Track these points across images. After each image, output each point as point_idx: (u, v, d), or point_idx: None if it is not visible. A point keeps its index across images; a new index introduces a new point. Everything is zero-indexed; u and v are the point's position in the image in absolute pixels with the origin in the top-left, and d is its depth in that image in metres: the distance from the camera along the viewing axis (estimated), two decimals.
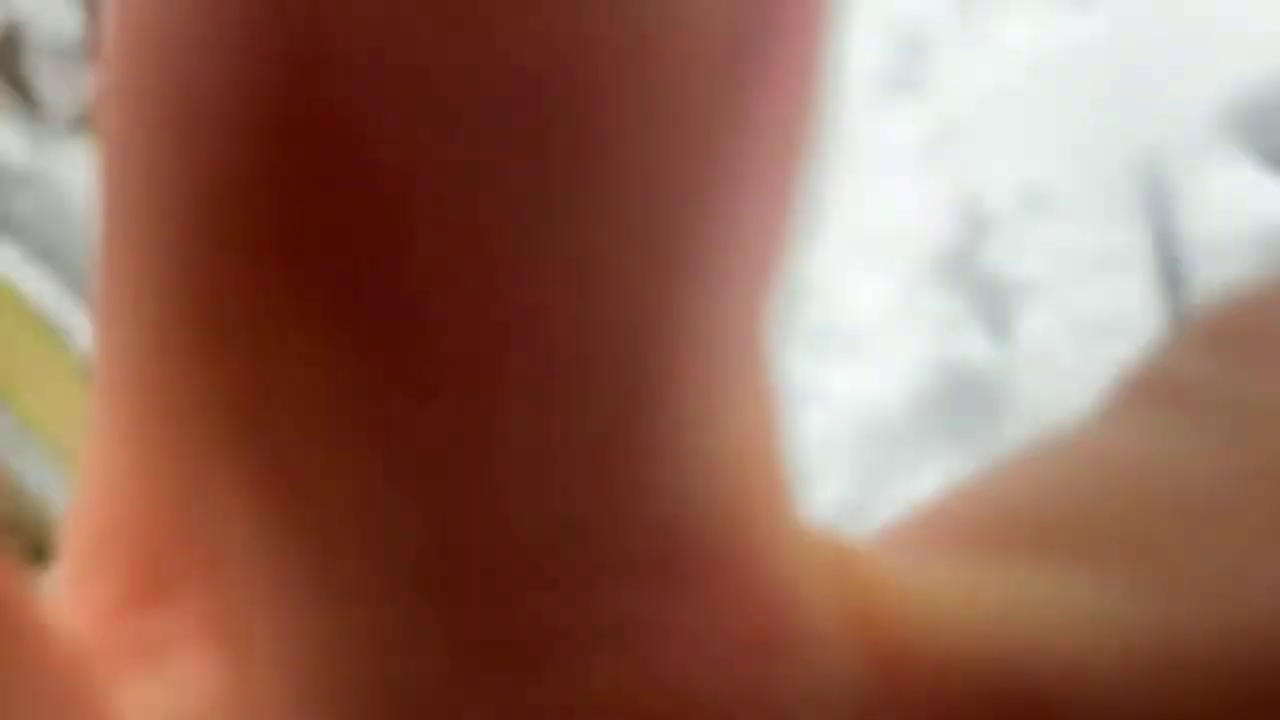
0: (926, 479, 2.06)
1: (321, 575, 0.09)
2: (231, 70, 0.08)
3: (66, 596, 0.10)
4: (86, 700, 0.10)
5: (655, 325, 0.08)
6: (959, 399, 2.06)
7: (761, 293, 0.09)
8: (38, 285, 1.07)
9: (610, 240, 0.08)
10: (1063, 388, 1.97)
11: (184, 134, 0.08)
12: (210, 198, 0.08)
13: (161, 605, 0.10)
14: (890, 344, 2.22)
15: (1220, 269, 1.53)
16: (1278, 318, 0.12)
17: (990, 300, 2.11)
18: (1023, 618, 0.11)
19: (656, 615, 0.09)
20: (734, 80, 0.08)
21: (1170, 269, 1.80)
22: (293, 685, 0.09)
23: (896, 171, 2.43)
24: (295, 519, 0.09)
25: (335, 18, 0.08)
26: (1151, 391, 0.13)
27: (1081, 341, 2.00)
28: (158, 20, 0.08)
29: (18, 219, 1.15)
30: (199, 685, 0.10)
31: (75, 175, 1.13)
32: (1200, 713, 0.10)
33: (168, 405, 0.09)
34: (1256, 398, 0.12)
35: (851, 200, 2.42)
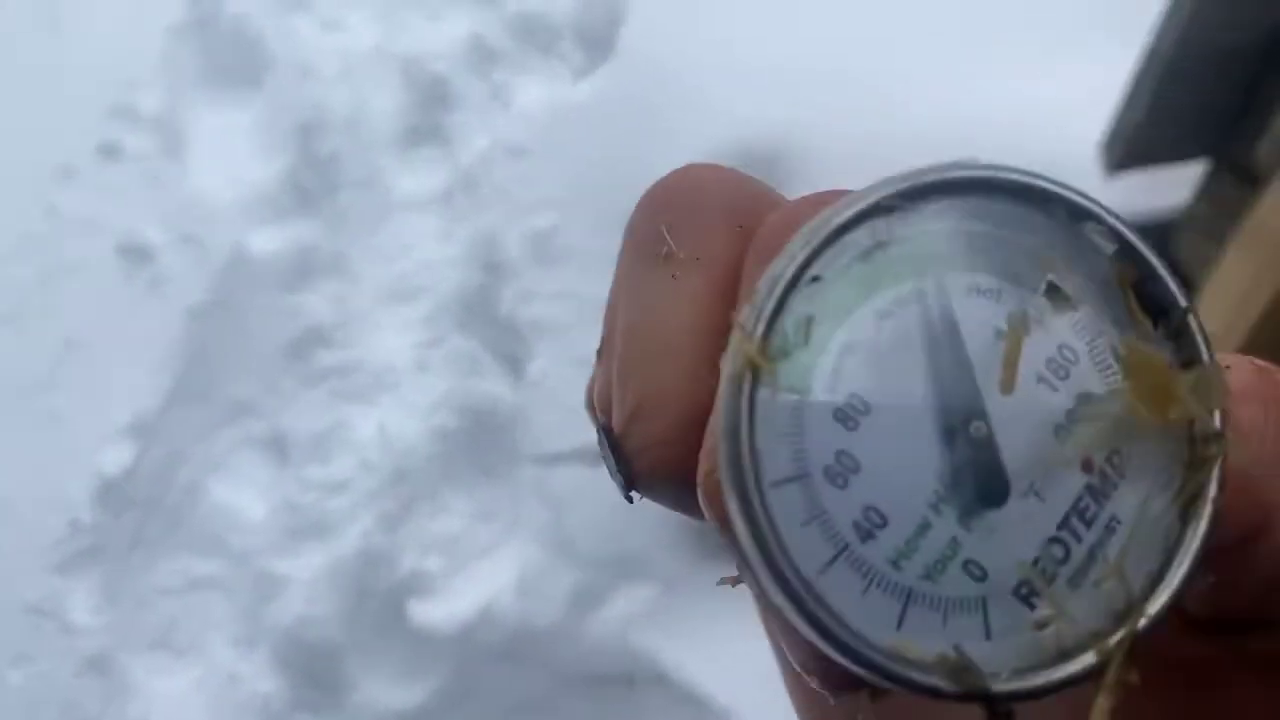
0: (454, 518, 2.10)
1: None
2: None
3: None
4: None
5: None
6: (480, 435, 2.13)
7: None
8: None
9: None
10: (568, 422, 2.10)
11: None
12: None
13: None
14: (414, 384, 2.24)
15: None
16: None
17: (506, 341, 2.20)
18: None
19: None
20: None
21: None
22: None
23: (418, 218, 2.47)
24: None
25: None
26: None
27: (585, 378, 2.15)
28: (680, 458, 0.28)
29: None
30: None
31: None
32: None
33: None
34: None
35: (376, 246, 2.41)
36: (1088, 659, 0.25)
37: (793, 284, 0.26)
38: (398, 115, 2.56)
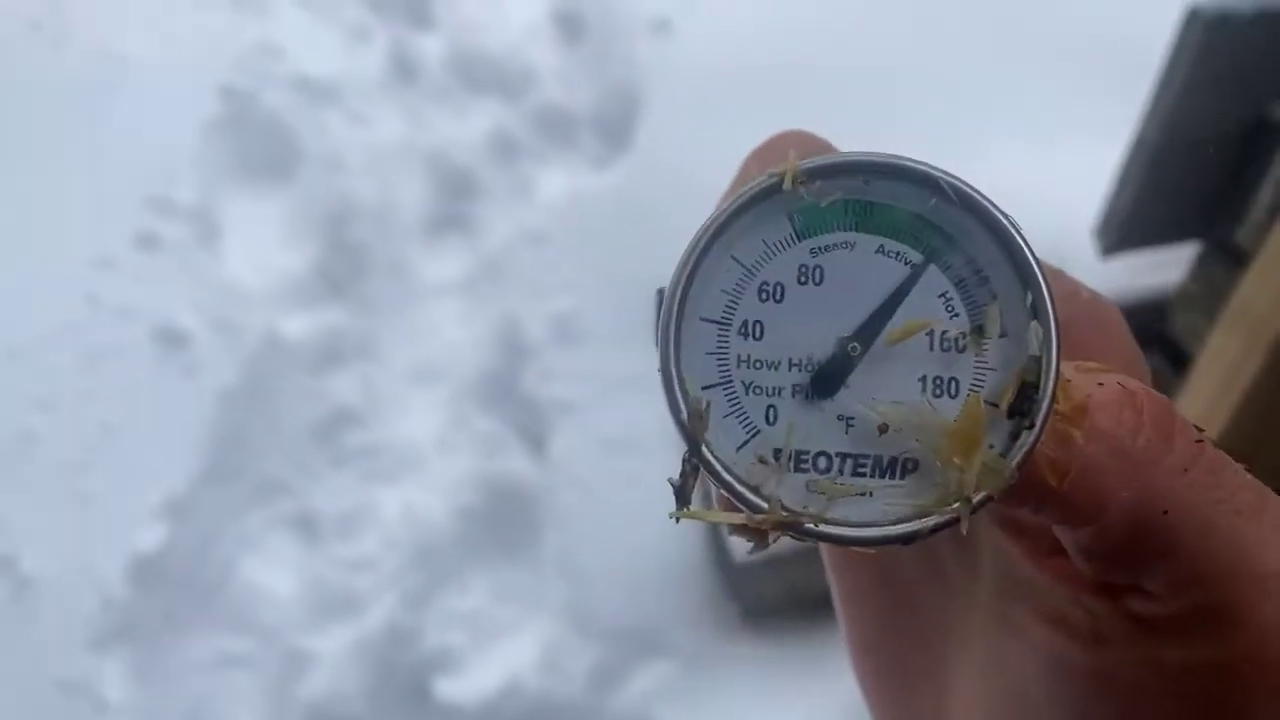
0: (476, 594, 2.14)
1: None
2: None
3: None
4: None
5: None
6: (503, 513, 2.18)
7: None
8: None
9: None
10: (590, 499, 2.15)
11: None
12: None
13: None
14: (439, 464, 2.30)
15: None
16: None
17: (529, 421, 2.27)
18: None
19: None
20: None
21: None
22: None
23: (443, 303, 2.56)
24: None
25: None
26: None
27: (606, 456, 2.21)
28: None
29: None
30: None
31: None
32: None
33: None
34: None
35: (403, 329, 2.50)
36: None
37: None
38: (423, 205, 2.66)
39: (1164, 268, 1.63)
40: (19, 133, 2.88)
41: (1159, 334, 1.55)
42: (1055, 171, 1.81)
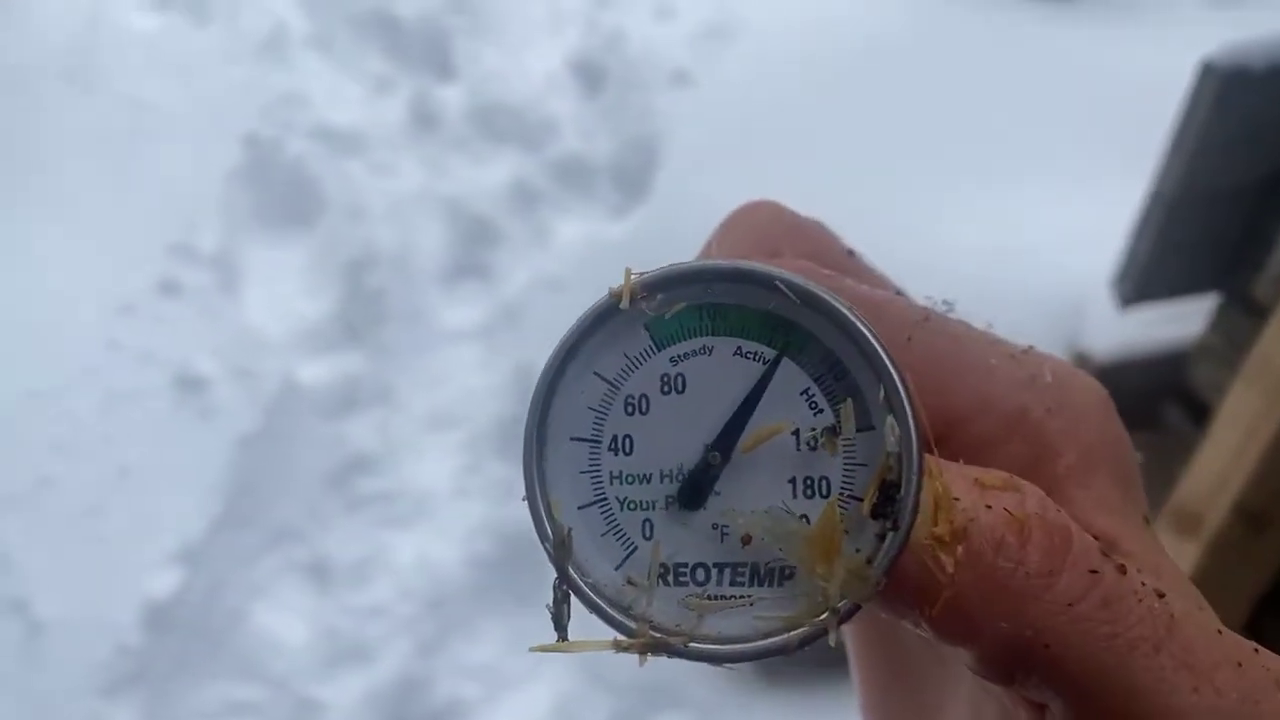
0: (489, 644, 2.13)
1: None
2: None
3: None
4: None
5: None
6: (517, 561, 2.17)
7: None
8: None
9: None
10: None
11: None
12: None
13: None
14: (453, 510, 2.30)
15: None
16: None
17: None
18: None
19: None
20: None
21: None
22: None
23: (461, 349, 2.57)
24: None
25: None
26: None
27: None
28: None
29: None
30: None
31: None
32: None
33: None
34: None
35: (419, 376, 2.51)
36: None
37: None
38: (442, 252, 2.68)
39: (1183, 319, 1.62)
40: (47, 178, 2.92)
41: (1178, 386, 1.54)
42: (1071, 223, 1.80)
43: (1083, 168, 2.03)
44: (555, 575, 0.36)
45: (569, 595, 0.36)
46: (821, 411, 0.35)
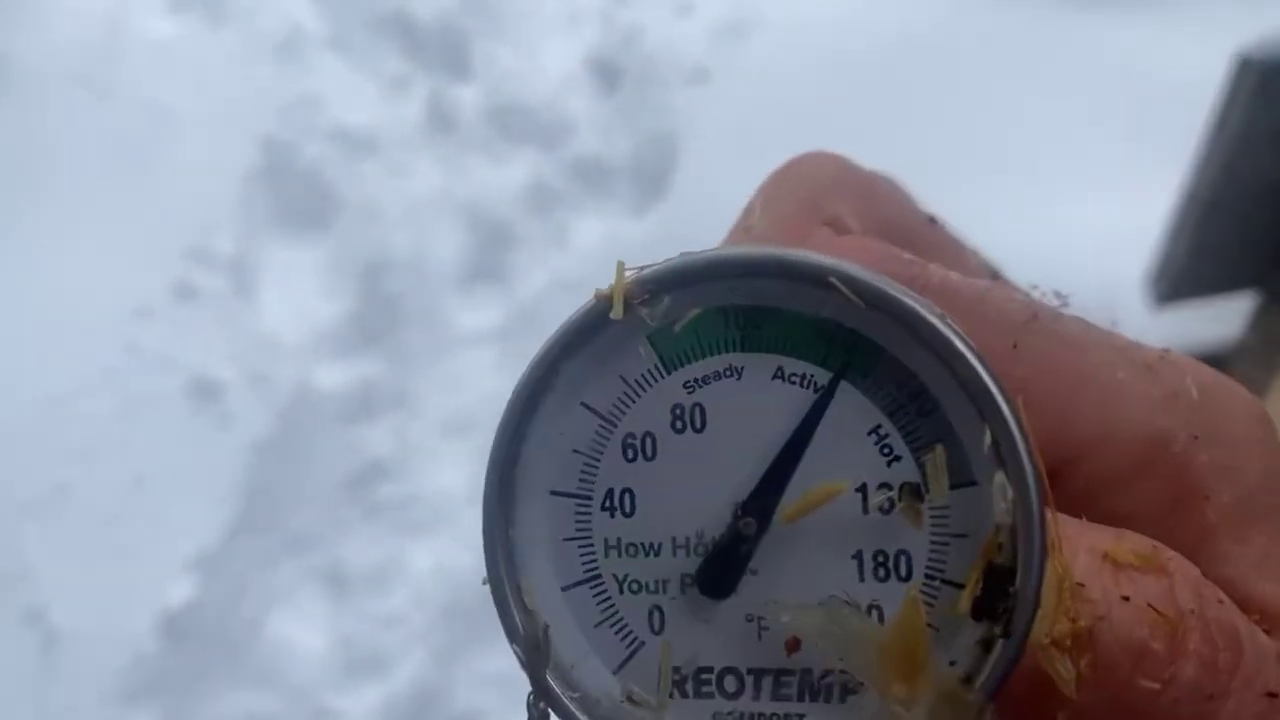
0: (508, 653, 2.10)
1: None
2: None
3: None
4: None
5: None
6: None
7: None
8: None
9: None
10: None
11: None
12: None
13: None
14: (471, 516, 2.27)
15: None
16: None
17: None
18: None
19: None
20: None
21: None
22: None
23: (478, 353, 2.54)
24: None
25: None
26: None
27: None
28: None
29: None
30: None
31: None
32: None
33: None
34: None
35: (436, 379, 2.48)
36: None
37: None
38: (459, 255, 2.65)
39: (1220, 319, 1.57)
40: (64, 183, 2.91)
41: None
42: (1105, 221, 1.76)
43: (1118, 165, 1.98)
44: (529, 688, 0.25)
45: (546, 715, 0.26)
46: (898, 460, 0.24)
